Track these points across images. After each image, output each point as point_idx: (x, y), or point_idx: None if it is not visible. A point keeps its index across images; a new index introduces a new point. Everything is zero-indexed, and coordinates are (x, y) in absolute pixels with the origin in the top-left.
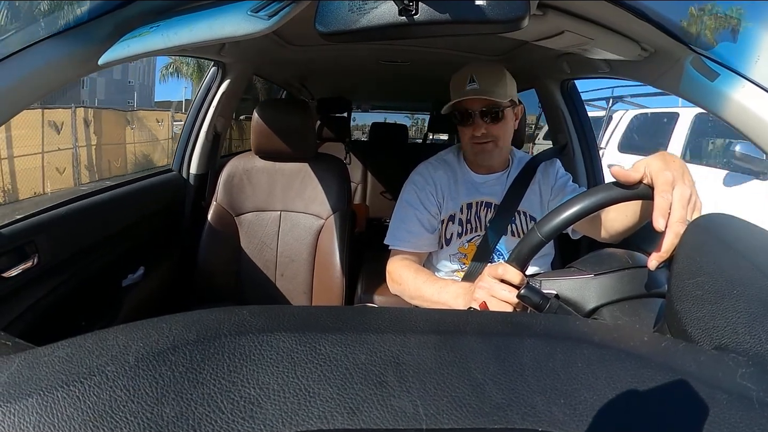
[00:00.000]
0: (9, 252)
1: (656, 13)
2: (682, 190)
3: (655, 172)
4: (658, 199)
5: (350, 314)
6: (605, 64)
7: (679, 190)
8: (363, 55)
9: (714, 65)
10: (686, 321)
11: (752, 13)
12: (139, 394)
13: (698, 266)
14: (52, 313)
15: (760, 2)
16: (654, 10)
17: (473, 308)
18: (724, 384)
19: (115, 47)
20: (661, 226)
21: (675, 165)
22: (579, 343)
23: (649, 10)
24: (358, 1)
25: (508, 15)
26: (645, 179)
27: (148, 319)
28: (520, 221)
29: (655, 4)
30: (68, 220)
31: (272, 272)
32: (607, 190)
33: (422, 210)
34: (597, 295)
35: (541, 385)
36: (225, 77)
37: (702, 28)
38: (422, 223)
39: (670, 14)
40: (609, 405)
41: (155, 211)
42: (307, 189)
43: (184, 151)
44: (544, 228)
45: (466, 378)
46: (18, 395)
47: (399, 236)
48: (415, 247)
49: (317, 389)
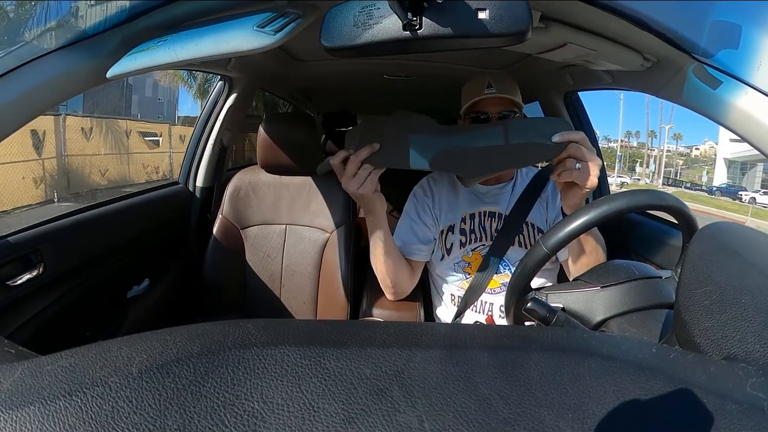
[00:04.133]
0: (14, 260)
1: (657, 23)
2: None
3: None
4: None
5: (355, 328)
6: (608, 76)
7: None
8: (367, 69)
9: (716, 73)
10: (694, 331)
11: (753, 19)
12: (142, 406)
13: (705, 276)
14: (56, 323)
15: (762, 8)
16: (655, 20)
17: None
18: (735, 394)
19: (122, 61)
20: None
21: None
22: (586, 356)
23: (650, 20)
24: (362, 17)
25: (511, 28)
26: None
27: (152, 330)
28: (527, 232)
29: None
30: (74, 230)
31: (277, 285)
32: (610, 202)
33: (418, 221)
34: (604, 307)
35: (549, 399)
36: (231, 91)
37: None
38: (416, 233)
39: (672, 23)
40: (618, 418)
41: (161, 224)
42: (312, 203)
43: (190, 164)
44: (549, 241)
45: (472, 392)
46: (20, 403)
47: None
48: (408, 254)
49: (321, 404)
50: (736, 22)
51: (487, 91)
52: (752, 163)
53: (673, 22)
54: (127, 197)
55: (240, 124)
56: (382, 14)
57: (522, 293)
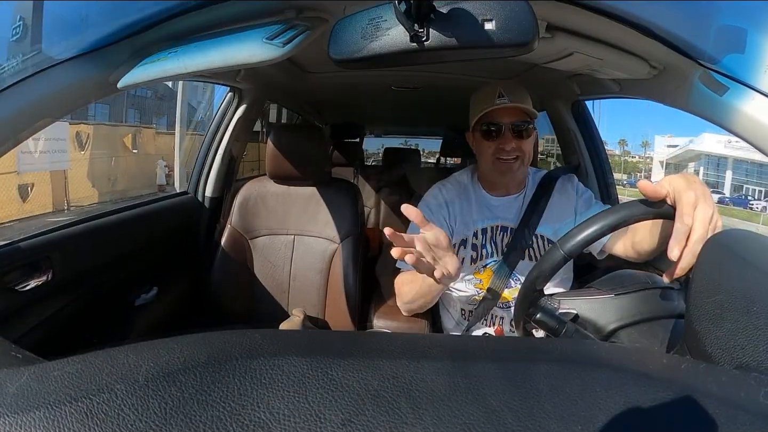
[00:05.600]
0: (24, 266)
1: (663, 29)
2: (704, 209)
3: (679, 191)
4: (678, 223)
5: (362, 339)
6: (615, 84)
7: (701, 210)
8: (375, 81)
9: (723, 79)
10: (706, 341)
11: (758, 22)
12: (147, 414)
13: (716, 284)
14: (63, 329)
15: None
16: (660, 26)
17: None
18: (747, 404)
19: (133, 71)
20: (675, 255)
21: (698, 185)
22: (596, 368)
23: (655, 27)
24: (370, 29)
25: (517, 39)
26: (668, 197)
27: (159, 339)
28: (537, 245)
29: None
30: (84, 237)
31: (284, 295)
32: (630, 207)
33: None
34: (617, 315)
35: (558, 412)
36: (241, 102)
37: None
38: None
39: (677, 29)
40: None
41: (170, 233)
42: (320, 213)
43: (199, 174)
44: (566, 245)
45: (480, 405)
46: (25, 407)
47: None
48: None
49: (328, 415)
50: (740, 26)
51: (499, 101)
52: (684, 164)
53: (678, 28)
54: (136, 206)
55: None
56: (390, 26)
57: (535, 298)
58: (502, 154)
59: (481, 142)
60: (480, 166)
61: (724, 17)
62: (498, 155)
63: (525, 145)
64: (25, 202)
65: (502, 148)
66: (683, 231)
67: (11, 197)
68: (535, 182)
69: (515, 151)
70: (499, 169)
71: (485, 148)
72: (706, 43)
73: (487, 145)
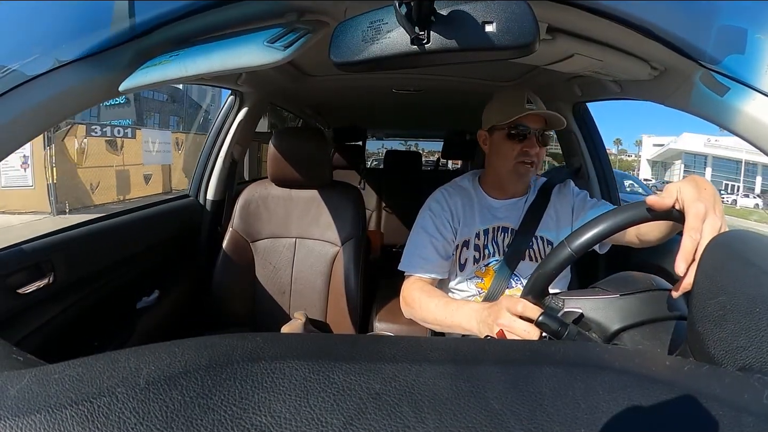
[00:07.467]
0: (25, 269)
1: (664, 31)
2: (712, 222)
3: (688, 202)
4: (686, 237)
5: (364, 342)
6: (616, 86)
7: (710, 224)
8: (376, 84)
9: (724, 79)
10: (708, 342)
11: (758, 22)
12: (149, 418)
13: (718, 285)
14: (65, 332)
15: (766, 10)
16: (661, 28)
17: (490, 336)
18: (751, 406)
19: (135, 75)
20: (681, 270)
21: (707, 194)
22: (599, 370)
23: (656, 28)
24: (371, 32)
25: (518, 41)
26: (677, 205)
27: (161, 342)
28: (537, 246)
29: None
30: (85, 241)
31: (286, 299)
32: (639, 207)
33: (438, 237)
34: (622, 315)
35: (561, 415)
36: (242, 106)
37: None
38: (437, 249)
39: (677, 30)
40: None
41: (171, 236)
42: (322, 216)
43: (201, 177)
44: (574, 243)
45: (483, 408)
46: (26, 410)
47: (413, 262)
48: (429, 272)
49: (329, 418)
50: (741, 26)
51: (528, 106)
52: (669, 162)
53: (679, 29)
54: (138, 209)
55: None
56: (391, 29)
57: (540, 295)
58: (525, 158)
59: (503, 143)
60: (494, 167)
61: (724, 18)
62: (521, 158)
63: (543, 153)
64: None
65: (526, 152)
66: (691, 246)
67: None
68: (536, 187)
69: (537, 155)
70: (519, 171)
71: (508, 149)
72: (707, 44)
73: (512, 147)
